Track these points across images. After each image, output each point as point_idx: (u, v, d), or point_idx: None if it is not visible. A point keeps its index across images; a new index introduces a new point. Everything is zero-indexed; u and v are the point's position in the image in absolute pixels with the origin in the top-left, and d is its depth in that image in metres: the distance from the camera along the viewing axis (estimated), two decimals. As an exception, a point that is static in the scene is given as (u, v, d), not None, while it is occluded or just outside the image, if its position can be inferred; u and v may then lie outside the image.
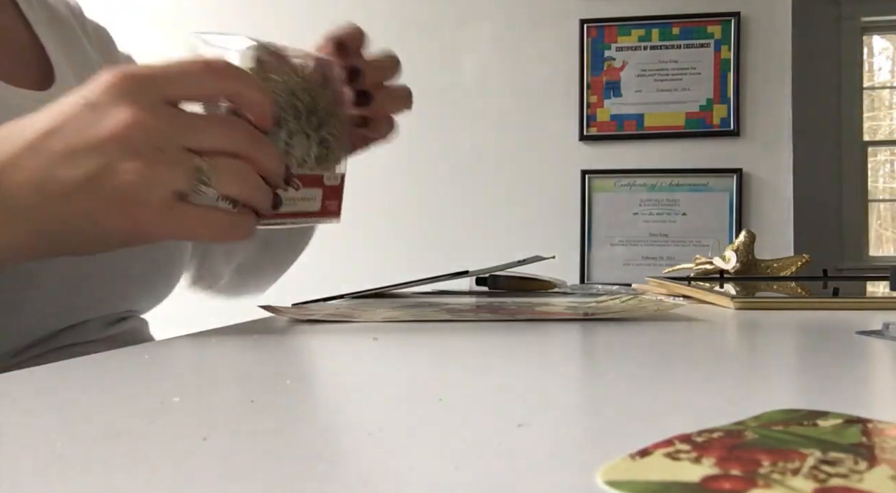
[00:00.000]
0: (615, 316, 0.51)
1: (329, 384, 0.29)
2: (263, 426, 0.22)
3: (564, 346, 0.40)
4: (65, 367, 0.32)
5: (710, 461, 0.16)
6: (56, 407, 0.25)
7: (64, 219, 0.39)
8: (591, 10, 2.18)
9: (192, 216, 0.40)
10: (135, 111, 0.38)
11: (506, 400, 0.25)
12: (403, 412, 0.23)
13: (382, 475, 0.17)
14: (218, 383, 0.31)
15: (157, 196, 0.38)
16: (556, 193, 2.18)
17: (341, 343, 0.40)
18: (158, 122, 0.38)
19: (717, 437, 0.18)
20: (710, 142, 2.13)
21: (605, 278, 2.12)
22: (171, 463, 0.18)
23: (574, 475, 0.17)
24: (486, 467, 0.17)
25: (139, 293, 0.61)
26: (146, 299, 0.63)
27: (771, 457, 0.17)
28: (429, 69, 2.21)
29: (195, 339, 0.42)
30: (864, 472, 0.15)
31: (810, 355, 0.37)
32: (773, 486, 0.15)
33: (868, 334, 0.41)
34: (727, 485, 0.15)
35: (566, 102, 2.19)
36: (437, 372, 0.31)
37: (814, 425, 0.19)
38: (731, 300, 0.62)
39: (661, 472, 0.16)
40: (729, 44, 2.12)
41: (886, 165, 3.80)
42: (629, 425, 0.21)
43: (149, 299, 0.64)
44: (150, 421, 0.22)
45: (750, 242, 0.94)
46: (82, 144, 0.38)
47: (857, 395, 0.26)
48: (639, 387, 0.27)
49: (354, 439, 0.20)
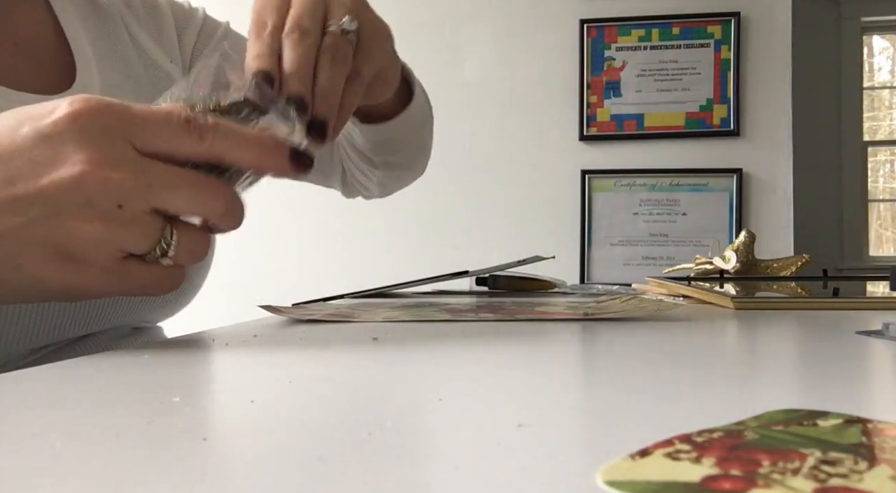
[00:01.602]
0: (615, 316, 0.51)
1: (329, 384, 0.29)
2: (263, 425, 0.22)
3: (564, 346, 0.40)
4: (65, 367, 0.32)
5: (711, 461, 0.16)
6: (56, 407, 0.25)
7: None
8: (591, 10, 2.18)
9: (139, 276, 0.35)
10: (96, 157, 0.32)
11: (506, 400, 0.25)
12: (403, 411, 0.23)
13: (382, 475, 0.17)
14: (218, 383, 0.31)
15: (105, 258, 0.34)
16: (557, 193, 2.18)
17: (341, 343, 0.40)
18: (122, 174, 0.32)
19: (717, 437, 0.18)
20: (710, 142, 2.13)
21: (605, 278, 2.12)
22: (171, 463, 0.18)
23: (574, 475, 0.17)
24: (486, 467, 0.17)
25: (148, 311, 0.60)
26: (160, 314, 0.63)
27: (771, 457, 0.17)
28: (429, 69, 2.20)
29: (195, 339, 0.42)
30: (863, 472, 0.16)
31: (810, 355, 0.37)
32: (773, 486, 0.15)
33: (868, 334, 0.41)
34: (727, 485, 0.15)
35: (566, 103, 2.19)
36: (437, 372, 0.31)
37: (814, 425, 0.19)
38: (731, 300, 0.62)
39: (662, 472, 0.16)
40: (729, 44, 2.12)
41: (886, 165, 3.80)
42: (629, 425, 0.21)
43: (162, 314, 0.63)
44: (150, 421, 0.22)
45: (750, 243, 0.94)
46: (26, 187, 0.32)
47: (858, 395, 0.26)
48: (639, 387, 0.27)
49: (354, 439, 0.20)
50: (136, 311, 0.58)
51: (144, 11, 0.65)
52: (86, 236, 0.32)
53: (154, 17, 0.65)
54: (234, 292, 1.93)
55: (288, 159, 0.37)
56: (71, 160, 0.32)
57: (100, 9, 0.61)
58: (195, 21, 0.69)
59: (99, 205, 0.32)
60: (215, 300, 0.84)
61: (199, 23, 0.69)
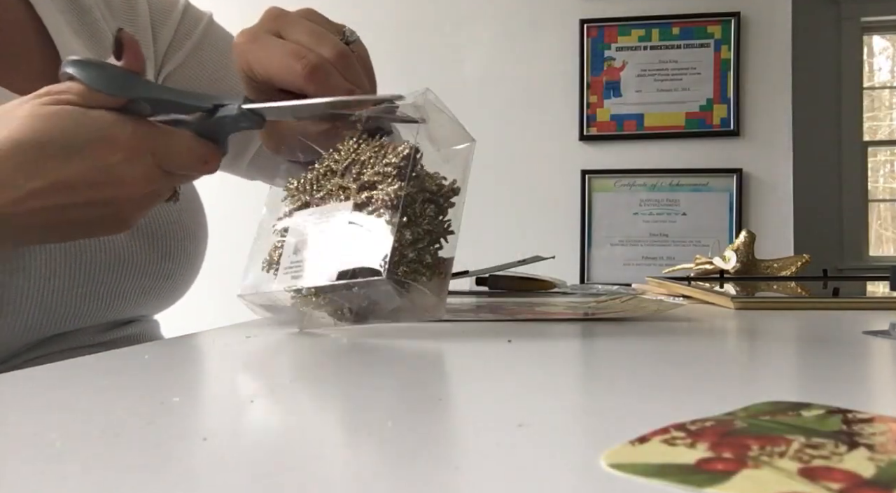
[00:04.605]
0: (615, 316, 0.51)
1: (329, 384, 0.29)
2: (263, 425, 0.22)
3: (564, 346, 0.40)
4: (65, 367, 0.32)
5: (704, 446, 0.18)
6: (56, 407, 0.25)
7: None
8: (591, 10, 2.18)
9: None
10: (145, 180, 0.41)
11: (506, 400, 0.25)
12: (403, 412, 0.23)
13: (383, 476, 0.17)
14: (218, 383, 0.31)
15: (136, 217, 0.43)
16: (556, 193, 2.18)
17: (340, 343, 0.40)
18: (160, 184, 0.42)
19: (709, 425, 0.20)
20: (710, 142, 2.13)
21: (605, 278, 2.12)
22: (171, 463, 0.18)
23: (574, 475, 0.17)
24: (486, 467, 0.17)
25: (143, 304, 0.60)
26: (154, 306, 0.63)
27: (759, 442, 0.18)
28: (429, 69, 2.21)
29: (195, 339, 0.42)
30: (843, 454, 0.17)
31: (818, 355, 0.37)
32: (762, 467, 0.16)
33: (875, 334, 0.41)
34: (720, 466, 0.16)
35: (566, 102, 2.19)
36: (437, 372, 0.31)
37: (798, 415, 0.21)
38: (731, 300, 0.62)
39: (659, 456, 0.17)
40: (729, 44, 2.12)
41: (886, 165, 3.80)
42: (627, 425, 0.21)
43: (156, 306, 0.64)
44: (150, 421, 0.22)
45: (750, 243, 0.94)
46: (96, 198, 0.40)
47: (870, 394, 0.26)
48: (638, 387, 0.27)
49: (354, 439, 0.20)
50: (132, 305, 0.59)
51: (120, 4, 0.64)
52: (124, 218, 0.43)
53: (128, 11, 0.65)
54: (233, 292, 1.92)
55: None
56: (131, 179, 0.40)
57: (78, 3, 0.61)
58: (174, 16, 0.67)
59: (145, 206, 0.43)
60: (215, 300, 0.83)
61: (178, 17, 0.68)
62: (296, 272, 0.41)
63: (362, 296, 0.41)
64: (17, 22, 0.57)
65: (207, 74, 0.68)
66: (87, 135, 0.39)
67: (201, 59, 0.68)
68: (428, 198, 0.41)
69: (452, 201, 0.42)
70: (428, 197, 0.41)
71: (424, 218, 0.40)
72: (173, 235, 0.59)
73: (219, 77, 0.68)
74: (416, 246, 0.40)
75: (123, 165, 0.40)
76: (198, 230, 0.63)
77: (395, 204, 0.39)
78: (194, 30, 0.68)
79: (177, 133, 0.42)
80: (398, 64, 2.09)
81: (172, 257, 0.59)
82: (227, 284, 1.98)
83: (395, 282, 0.38)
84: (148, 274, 0.57)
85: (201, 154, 0.42)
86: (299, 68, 0.43)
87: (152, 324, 0.66)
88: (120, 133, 0.39)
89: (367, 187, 0.41)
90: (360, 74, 0.46)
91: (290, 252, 0.43)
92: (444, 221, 0.41)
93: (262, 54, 0.44)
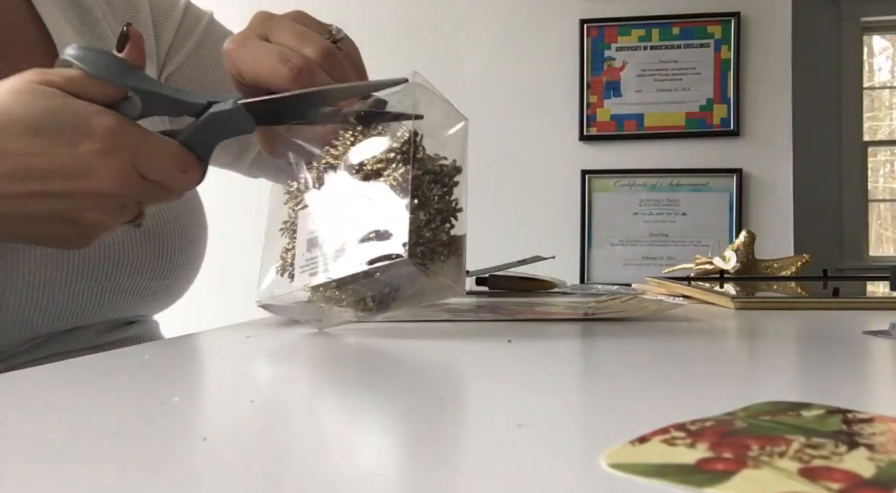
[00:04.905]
0: (615, 316, 0.51)
1: (329, 384, 0.29)
2: (263, 425, 0.22)
3: (564, 346, 0.40)
4: (65, 367, 0.32)
5: (704, 446, 0.18)
6: (56, 407, 0.25)
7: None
8: (591, 10, 2.18)
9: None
10: (117, 178, 0.40)
11: (506, 400, 0.25)
12: (403, 411, 0.23)
13: (383, 476, 0.17)
14: (218, 383, 0.31)
15: (98, 233, 0.43)
16: (556, 193, 2.18)
17: (341, 343, 0.40)
18: (131, 189, 0.41)
19: (709, 425, 0.20)
20: (710, 142, 2.13)
21: (605, 278, 2.12)
22: (171, 463, 0.18)
23: (574, 475, 0.17)
24: (487, 467, 0.17)
25: (141, 303, 0.60)
26: (153, 306, 0.63)
27: (759, 442, 0.18)
28: (429, 69, 2.20)
29: (195, 339, 0.42)
30: (843, 454, 0.17)
31: (818, 355, 0.37)
32: (762, 467, 0.16)
33: (875, 334, 0.41)
34: (720, 466, 0.16)
35: (566, 102, 2.19)
36: (437, 372, 0.31)
37: (798, 415, 0.21)
38: (731, 300, 0.62)
39: (659, 456, 0.17)
40: (729, 44, 2.11)
41: (886, 165, 3.80)
42: (627, 425, 0.21)
43: (155, 306, 0.63)
44: (150, 421, 0.22)
45: (750, 243, 0.94)
46: (61, 189, 0.39)
47: (873, 394, 0.26)
48: (638, 387, 0.27)
49: (354, 439, 0.20)
50: (130, 304, 0.59)
51: (122, 3, 0.65)
52: (92, 225, 0.41)
53: (129, 11, 0.65)
54: (233, 292, 1.92)
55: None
56: (98, 174, 0.39)
57: (79, 3, 0.61)
58: (175, 15, 0.68)
59: (111, 210, 0.42)
60: (215, 300, 0.83)
61: (179, 17, 0.68)
62: (312, 269, 0.41)
63: (383, 282, 0.41)
64: (18, 21, 0.57)
65: (209, 73, 0.68)
66: (61, 119, 0.38)
67: (202, 58, 0.68)
68: (433, 179, 0.41)
69: (456, 180, 0.43)
70: (433, 178, 0.41)
71: (433, 198, 0.41)
72: (170, 234, 0.59)
73: (220, 76, 0.68)
74: (430, 226, 0.40)
75: (97, 155, 0.39)
76: (197, 230, 0.63)
77: (404, 187, 0.39)
78: (195, 29, 0.68)
79: (161, 138, 0.42)
80: (398, 64, 2.08)
81: (170, 256, 0.59)
82: (227, 283, 1.98)
83: (416, 263, 0.39)
84: (145, 273, 0.57)
85: (182, 163, 0.42)
86: (285, 71, 0.43)
87: (152, 324, 0.66)
88: (98, 124, 0.39)
89: (371, 176, 0.41)
90: (347, 71, 0.46)
91: (302, 251, 0.43)
92: (452, 200, 0.42)
93: (250, 59, 0.44)
